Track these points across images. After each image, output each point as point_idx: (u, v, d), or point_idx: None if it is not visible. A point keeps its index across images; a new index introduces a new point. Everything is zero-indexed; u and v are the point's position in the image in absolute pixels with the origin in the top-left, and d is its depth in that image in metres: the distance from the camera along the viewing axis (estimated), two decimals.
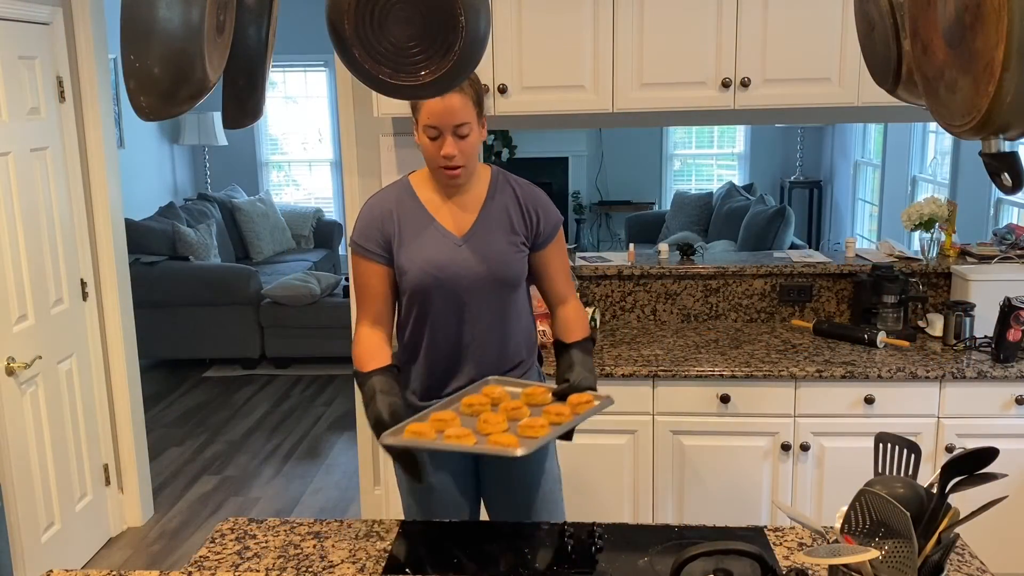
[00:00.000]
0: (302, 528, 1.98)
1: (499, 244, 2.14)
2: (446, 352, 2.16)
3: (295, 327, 6.13)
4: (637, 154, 9.37)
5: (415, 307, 2.15)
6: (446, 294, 2.11)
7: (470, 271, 2.11)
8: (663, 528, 1.96)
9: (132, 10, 1.24)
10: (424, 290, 2.11)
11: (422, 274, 2.09)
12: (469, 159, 2.08)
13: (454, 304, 2.12)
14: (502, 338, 2.18)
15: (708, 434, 3.02)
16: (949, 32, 1.17)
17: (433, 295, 2.11)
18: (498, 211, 2.16)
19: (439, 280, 2.10)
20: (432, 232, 2.12)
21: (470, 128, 2.05)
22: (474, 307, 2.13)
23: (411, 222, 2.12)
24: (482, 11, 1.53)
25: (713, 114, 3.22)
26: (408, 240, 2.11)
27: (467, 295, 2.12)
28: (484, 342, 2.16)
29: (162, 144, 8.06)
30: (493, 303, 2.15)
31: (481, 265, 2.11)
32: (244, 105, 1.55)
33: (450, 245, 2.12)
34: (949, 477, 1.51)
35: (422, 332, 2.16)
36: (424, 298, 2.12)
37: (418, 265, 2.10)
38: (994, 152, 1.16)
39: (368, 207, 2.17)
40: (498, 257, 2.13)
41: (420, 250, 2.10)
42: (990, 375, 2.91)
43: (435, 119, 2.02)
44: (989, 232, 4.49)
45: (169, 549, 3.86)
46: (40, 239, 3.36)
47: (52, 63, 3.44)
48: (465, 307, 2.13)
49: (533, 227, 2.19)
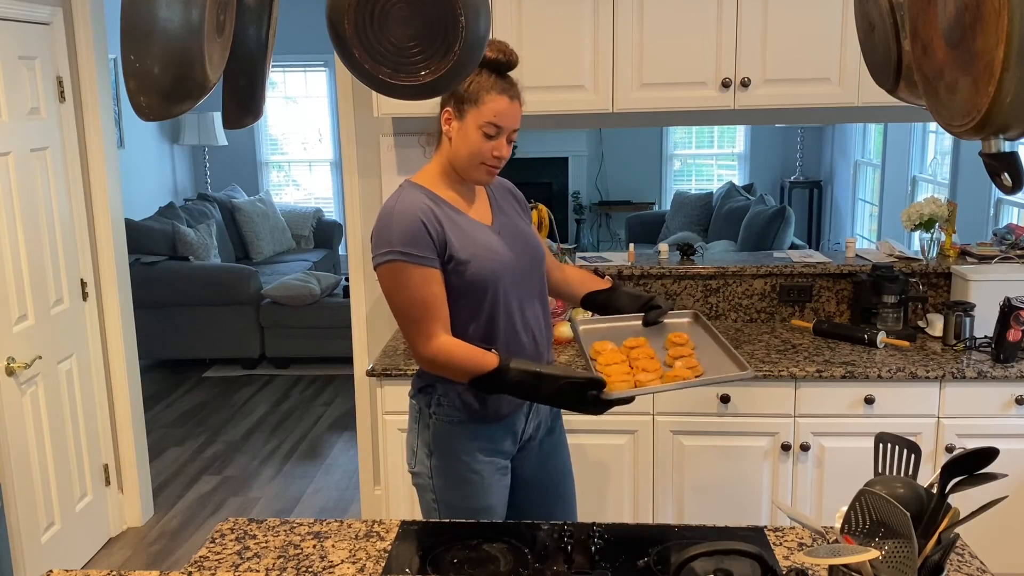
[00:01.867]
0: (302, 528, 1.98)
1: (522, 227, 2.22)
2: (517, 339, 2.12)
3: (295, 327, 6.13)
4: (637, 154, 9.37)
5: (483, 300, 2.07)
6: (507, 279, 2.10)
7: (515, 255, 2.13)
8: (663, 528, 1.96)
9: (132, 10, 1.24)
10: (488, 281, 2.06)
11: (485, 262, 2.06)
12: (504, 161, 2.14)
13: (514, 288, 2.12)
14: (548, 315, 2.25)
15: (708, 434, 3.02)
16: (949, 32, 1.17)
17: (499, 282, 2.08)
18: (498, 198, 2.24)
19: (501, 265, 2.09)
20: (471, 225, 2.11)
21: (516, 134, 2.12)
22: (526, 289, 2.16)
23: (450, 220, 2.08)
24: (482, 11, 1.53)
25: (713, 114, 3.22)
26: (457, 236, 2.06)
27: (520, 279, 2.14)
28: (540, 323, 2.19)
29: (162, 144, 8.06)
30: (536, 282, 2.20)
31: (521, 248, 2.16)
32: (244, 105, 1.56)
33: (490, 234, 2.13)
34: (949, 477, 1.51)
35: (492, 325, 2.09)
36: (491, 286, 2.07)
37: (478, 255, 2.06)
38: (994, 152, 1.16)
39: (402, 214, 2.02)
40: (529, 239, 2.20)
41: (473, 242, 2.08)
42: (990, 375, 2.91)
43: (501, 120, 2.04)
44: (989, 232, 4.50)
45: (169, 549, 3.86)
46: (40, 239, 3.36)
47: (52, 63, 3.44)
48: (522, 289, 2.14)
49: (520, 205, 2.29)
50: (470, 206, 2.15)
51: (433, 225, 2.03)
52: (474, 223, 2.12)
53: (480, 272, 2.05)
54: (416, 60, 1.53)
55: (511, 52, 2.06)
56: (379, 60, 1.54)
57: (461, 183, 2.14)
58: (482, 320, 2.09)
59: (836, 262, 3.55)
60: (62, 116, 3.52)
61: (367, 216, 3.67)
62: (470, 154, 2.06)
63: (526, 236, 2.20)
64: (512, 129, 2.07)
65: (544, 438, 2.28)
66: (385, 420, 3.04)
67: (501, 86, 2.04)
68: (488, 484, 2.17)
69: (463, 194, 2.15)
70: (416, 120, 3.49)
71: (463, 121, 2.04)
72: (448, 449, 2.16)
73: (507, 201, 2.26)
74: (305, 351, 6.20)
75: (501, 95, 2.03)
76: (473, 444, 2.15)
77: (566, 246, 3.61)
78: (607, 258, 3.71)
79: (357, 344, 3.78)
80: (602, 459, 3.05)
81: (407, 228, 2.00)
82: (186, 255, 6.45)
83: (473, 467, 2.15)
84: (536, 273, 2.20)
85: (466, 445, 2.15)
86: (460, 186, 2.14)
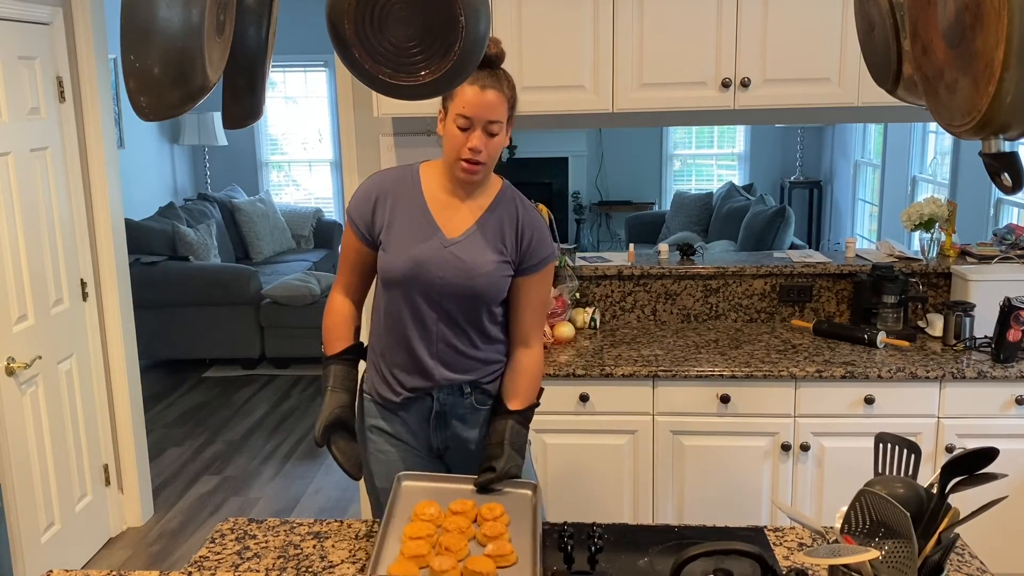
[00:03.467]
0: (302, 528, 1.98)
1: (486, 256, 2.08)
2: (415, 350, 2.12)
3: (295, 327, 6.13)
4: (637, 154, 9.37)
5: (388, 297, 2.13)
6: (420, 292, 2.07)
7: (448, 275, 2.06)
8: (663, 528, 1.96)
9: (132, 10, 1.24)
10: (399, 283, 2.08)
11: (402, 266, 2.06)
12: (491, 159, 2.05)
13: (426, 305, 2.08)
14: (472, 350, 2.13)
15: (708, 434, 3.02)
16: (949, 32, 1.17)
17: (407, 290, 2.08)
18: (495, 223, 2.11)
19: (416, 276, 2.06)
20: (423, 227, 2.08)
21: (500, 128, 2.03)
22: (447, 313, 2.09)
23: (405, 210, 2.09)
24: (482, 11, 1.53)
25: (713, 114, 3.22)
26: (397, 228, 2.08)
27: (442, 299, 2.08)
28: (454, 348, 2.11)
29: (162, 144, 8.06)
30: (469, 314, 2.10)
31: (462, 272, 2.06)
32: (244, 105, 1.56)
33: (437, 245, 2.07)
34: (949, 477, 1.51)
35: (392, 323, 2.13)
36: (398, 290, 2.09)
37: (399, 256, 2.07)
38: (994, 152, 1.16)
39: (369, 182, 2.15)
40: (481, 269, 2.07)
41: (405, 241, 2.07)
42: (990, 375, 2.91)
43: (471, 110, 1.98)
44: (989, 232, 4.49)
45: (169, 549, 3.86)
46: (40, 239, 3.36)
47: (52, 63, 3.44)
48: (437, 311, 2.09)
49: (523, 249, 2.12)
50: (446, 211, 2.10)
51: (380, 205, 2.10)
52: (429, 228, 2.08)
53: (390, 274, 2.08)
54: (416, 60, 1.53)
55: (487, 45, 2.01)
56: (379, 60, 1.54)
57: (455, 185, 2.10)
58: (382, 310, 2.15)
59: (836, 262, 3.55)
60: (62, 116, 3.52)
61: None
62: (448, 149, 2.05)
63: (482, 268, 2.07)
64: (486, 120, 1.99)
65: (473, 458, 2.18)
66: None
67: (472, 77, 1.96)
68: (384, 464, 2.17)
69: (448, 197, 2.11)
70: (416, 120, 3.50)
71: (444, 118, 2.05)
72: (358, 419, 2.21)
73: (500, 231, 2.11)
74: (305, 351, 6.19)
75: (471, 86, 1.97)
76: (374, 420, 2.20)
77: (566, 246, 3.61)
78: (607, 258, 3.71)
79: None
80: (602, 459, 3.04)
81: (361, 195, 2.13)
82: (186, 255, 6.45)
83: (373, 442, 2.19)
84: (472, 306, 2.09)
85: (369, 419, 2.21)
86: (453, 188, 2.10)
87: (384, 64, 1.54)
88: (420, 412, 2.16)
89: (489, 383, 2.18)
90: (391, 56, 1.53)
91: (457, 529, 1.80)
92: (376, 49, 1.52)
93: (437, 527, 1.82)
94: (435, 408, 2.15)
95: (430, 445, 2.20)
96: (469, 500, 1.90)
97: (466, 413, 2.18)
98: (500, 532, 1.80)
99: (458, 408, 2.17)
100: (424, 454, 2.20)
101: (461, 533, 1.79)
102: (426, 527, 1.80)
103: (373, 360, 2.21)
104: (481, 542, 1.79)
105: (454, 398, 2.15)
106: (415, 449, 2.19)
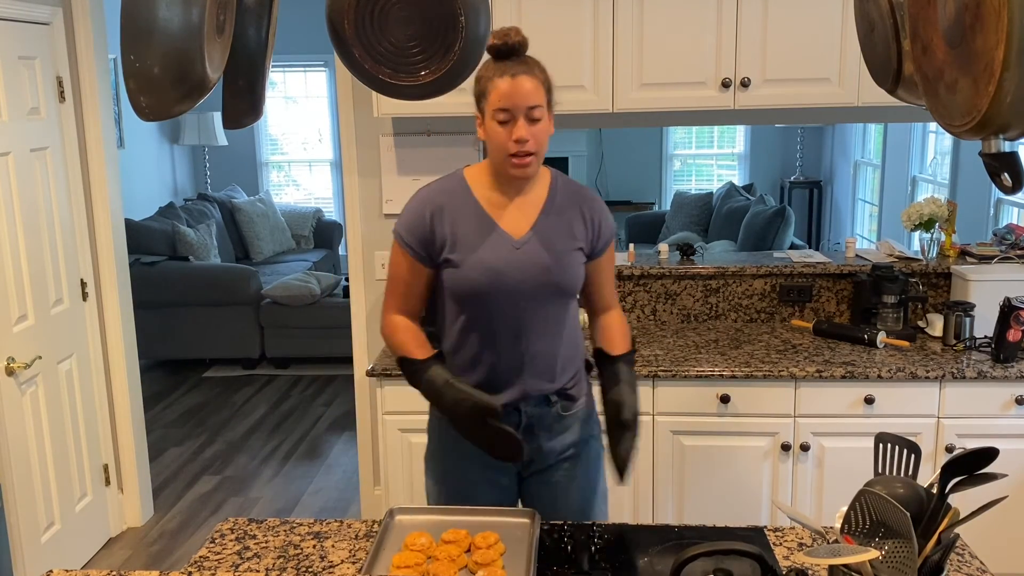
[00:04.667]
0: (302, 528, 1.98)
1: (559, 248, 2.03)
2: (499, 363, 2.04)
3: (295, 327, 6.13)
4: (637, 154, 9.37)
5: (465, 313, 2.03)
6: (502, 301, 1.99)
7: (529, 276, 1.99)
8: (663, 528, 1.96)
9: (132, 10, 1.24)
10: (479, 295, 1.99)
11: (478, 278, 1.98)
12: (540, 147, 1.96)
13: (510, 312, 2.00)
14: (556, 349, 2.07)
15: (708, 434, 3.02)
16: (949, 32, 1.17)
17: (488, 301, 1.99)
18: (559, 214, 2.04)
19: (496, 285, 1.98)
20: (489, 233, 2.00)
21: (542, 112, 1.94)
22: (530, 315, 2.02)
23: (466, 221, 2.00)
24: (482, 11, 1.53)
25: (713, 114, 3.22)
26: (462, 241, 1.99)
27: (524, 302, 2.00)
28: (540, 353, 2.05)
29: (162, 144, 8.06)
30: (550, 311, 2.04)
31: (540, 270, 2.00)
32: (244, 105, 1.56)
33: (508, 248, 1.99)
34: (949, 477, 1.51)
35: (472, 340, 2.04)
36: (478, 304, 2.00)
37: (473, 268, 1.98)
38: (994, 152, 1.16)
39: (417, 200, 2.05)
40: (558, 262, 2.02)
41: (476, 252, 1.98)
42: (990, 375, 2.91)
43: (507, 101, 1.91)
44: (989, 232, 4.49)
45: (169, 549, 3.86)
46: (40, 239, 3.36)
47: (52, 63, 3.44)
48: (521, 315, 2.01)
49: (594, 234, 2.08)
50: (507, 213, 2.02)
51: (437, 221, 2.01)
52: (496, 233, 2.01)
53: (466, 289, 2.00)
54: (416, 60, 1.54)
55: (507, 34, 1.94)
56: (379, 60, 1.54)
57: (507, 185, 2.02)
58: (455, 334, 2.06)
59: (836, 262, 3.55)
60: (62, 116, 3.52)
61: (367, 216, 3.67)
62: (495, 148, 1.97)
63: (559, 261, 2.02)
64: (526, 107, 1.91)
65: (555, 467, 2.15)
66: (385, 420, 3.04)
67: (501, 69, 1.93)
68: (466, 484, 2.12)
69: (503, 198, 2.03)
70: (416, 120, 3.49)
71: (482, 121, 1.98)
72: (436, 436, 2.17)
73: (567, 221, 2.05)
74: (305, 351, 6.20)
75: (501, 78, 1.92)
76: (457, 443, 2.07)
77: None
78: None
79: (357, 344, 3.78)
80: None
81: (413, 213, 2.04)
82: (186, 255, 6.45)
83: (454, 462, 2.14)
84: (555, 302, 2.05)
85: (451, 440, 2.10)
86: (505, 188, 2.03)
87: (384, 64, 1.54)
88: None
89: (572, 387, 2.13)
90: (391, 56, 1.53)
91: (447, 557, 1.76)
92: (376, 49, 1.53)
93: (427, 557, 1.78)
94: (523, 422, 2.08)
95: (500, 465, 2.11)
96: (462, 530, 1.85)
97: (552, 423, 2.11)
98: (492, 559, 1.75)
99: (545, 419, 2.10)
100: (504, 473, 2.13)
101: (452, 561, 1.75)
102: (415, 556, 1.76)
103: None
104: (472, 570, 1.74)
105: (541, 409, 2.09)
106: (496, 468, 2.10)
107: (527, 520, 1.91)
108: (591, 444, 2.20)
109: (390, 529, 1.91)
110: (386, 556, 1.80)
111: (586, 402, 2.19)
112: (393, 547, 1.84)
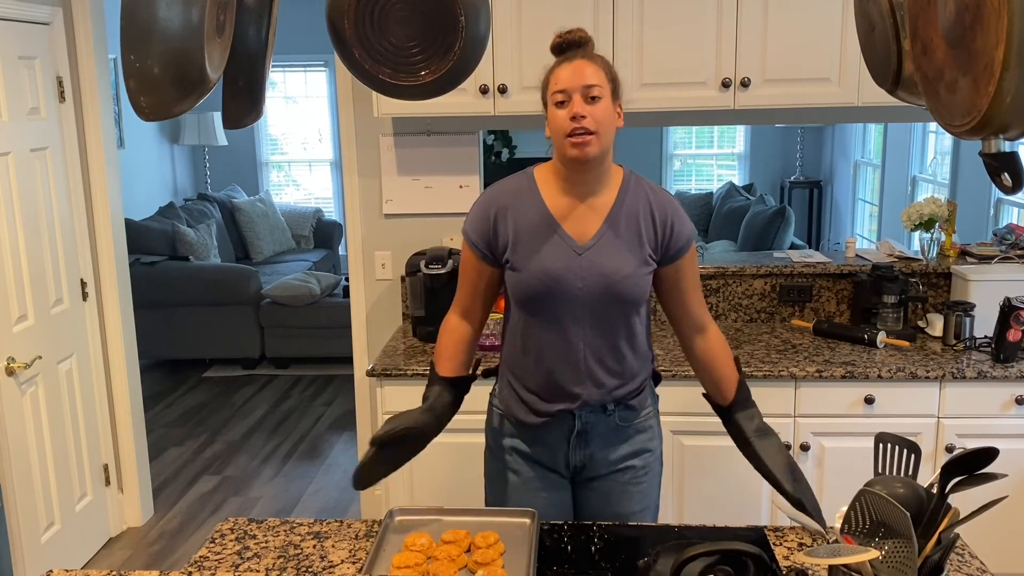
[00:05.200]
0: (302, 528, 1.98)
1: (624, 256, 1.95)
2: (556, 369, 2.00)
3: (295, 327, 6.13)
4: (637, 154, 9.36)
5: (525, 316, 2.00)
6: (562, 308, 1.95)
7: (589, 284, 1.93)
8: (663, 528, 1.96)
9: (132, 10, 1.24)
10: (536, 299, 1.96)
11: (537, 283, 1.94)
12: (600, 126, 1.88)
13: (569, 319, 1.96)
14: (618, 358, 2.01)
15: (708, 434, 3.01)
16: (949, 32, 1.17)
17: (547, 307, 1.96)
18: (627, 218, 1.97)
19: (553, 291, 1.94)
20: (551, 236, 1.95)
21: (602, 92, 1.88)
22: (591, 323, 1.97)
23: (529, 222, 1.96)
24: (482, 11, 1.53)
25: (713, 114, 3.22)
26: (524, 244, 1.96)
27: (585, 310, 1.95)
28: (600, 361, 2.00)
29: (162, 144, 8.06)
30: (612, 320, 1.98)
31: (602, 279, 1.93)
32: (244, 105, 1.56)
33: (569, 253, 1.94)
34: (949, 477, 1.51)
35: (531, 344, 2.01)
36: (537, 309, 1.97)
37: (532, 272, 1.94)
38: (994, 152, 1.16)
39: (485, 198, 2.03)
40: (623, 271, 1.94)
41: (536, 256, 1.94)
42: (990, 375, 2.91)
43: (563, 83, 1.88)
44: (989, 232, 4.49)
45: (169, 549, 3.86)
46: (40, 239, 3.36)
47: (52, 63, 3.44)
48: (582, 323, 1.96)
49: (664, 238, 1.98)
50: (572, 215, 1.96)
51: (500, 221, 1.98)
52: (558, 236, 1.95)
53: (524, 292, 1.97)
54: (416, 60, 1.54)
55: (567, 33, 1.97)
56: (379, 60, 1.54)
57: (575, 186, 1.97)
58: (518, 334, 2.04)
59: (836, 262, 3.55)
60: (62, 116, 3.52)
61: (367, 216, 3.67)
62: (556, 133, 1.92)
63: (621, 270, 1.94)
64: (582, 86, 1.87)
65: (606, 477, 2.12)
66: (385, 420, 3.03)
67: (560, 60, 1.94)
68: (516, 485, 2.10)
69: (571, 200, 1.97)
70: (416, 120, 3.50)
71: (547, 112, 1.95)
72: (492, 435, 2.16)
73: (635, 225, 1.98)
74: (305, 351, 6.20)
75: (559, 66, 1.92)
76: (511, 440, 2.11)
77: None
78: None
79: (357, 344, 3.78)
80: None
81: (479, 212, 2.03)
82: (186, 255, 6.45)
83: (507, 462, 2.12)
84: (616, 311, 1.98)
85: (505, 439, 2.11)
86: (573, 189, 1.97)
87: (384, 64, 1.54)
88: (560, 431, 2.06)
89: (634, 399, 2.07)
90: (391, 56, 1.53)
91: (447, 557, 1.76)
92: (376, 49, 1.53)
93: (427, 557, 1.78)
94: (577, 427, 2.05)
95: (567, 463, 2.09)
96: (462, 530, 1.85)
97: (608, 432, 2.07)
98: (492, 559, 1.76)
99: (600, 427, 2.06)
100: (558, 476, 2.11)
101: (451, 561, 1.75)
102: (415, 556, 1.77)
103: (508, 380, 2.10)
104: (472, 569, 1.74)
105: (596, 416, 2.04)
106: (551, 471, 2.10)
107: (527, 520, 1.91)
108: (648, 459, 2.14)
109: (390, 529, 1.91)
110: (386, 556, 1.81)
111: (649, 415, 2.14)
112: (393, 547, 1.84)
